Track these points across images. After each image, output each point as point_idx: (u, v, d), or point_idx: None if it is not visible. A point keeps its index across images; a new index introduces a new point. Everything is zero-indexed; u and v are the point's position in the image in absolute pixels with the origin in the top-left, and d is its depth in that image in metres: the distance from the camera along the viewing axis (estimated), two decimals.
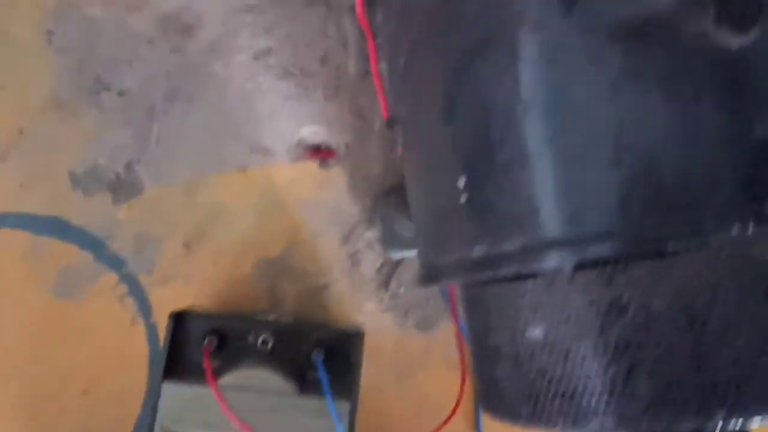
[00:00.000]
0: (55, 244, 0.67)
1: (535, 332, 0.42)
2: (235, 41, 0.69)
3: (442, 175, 0.44)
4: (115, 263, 0.67)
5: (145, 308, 0.67)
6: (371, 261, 0.69)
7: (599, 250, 0.37)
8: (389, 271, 0.69)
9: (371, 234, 0.69)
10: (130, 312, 0.67)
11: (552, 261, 0.39)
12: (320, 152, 0.69)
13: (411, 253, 0.65)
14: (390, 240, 0.65)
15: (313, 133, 0.69)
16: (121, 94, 0.68)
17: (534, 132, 0.39)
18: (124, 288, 0.67)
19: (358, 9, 0.44)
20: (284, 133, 0.69)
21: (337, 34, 0.69)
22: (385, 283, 0.69)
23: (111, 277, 0.67)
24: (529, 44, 0.38)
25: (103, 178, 0.67)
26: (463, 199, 0.43)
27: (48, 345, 0.66)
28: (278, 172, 0.69)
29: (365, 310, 0.69)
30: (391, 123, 0.50)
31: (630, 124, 0.37)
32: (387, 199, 0.67)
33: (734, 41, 0.34)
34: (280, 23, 0.69)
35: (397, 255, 0.66)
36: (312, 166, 0.69)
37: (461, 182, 0.42)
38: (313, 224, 0.69)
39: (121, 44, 0.68)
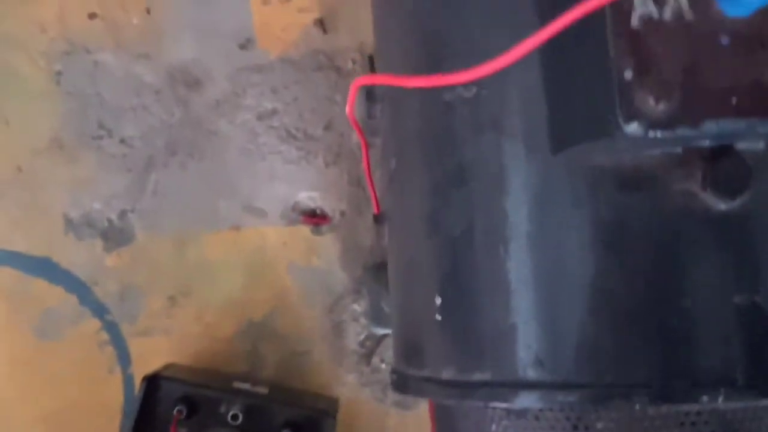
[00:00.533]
0: (41, 285, 0.67)
1: None
2: (242, 100, 0.69)
3: (420, 287, 0.44)
4: (99, 309, 0.67)
5: (124, 358, 0.67)
6: (355, 333, 0.69)
7: (567, 398, 0.37)
8: (372, 345, 0.68)
9: (358, 306, 0.68)
10: (109, 360, 0.67)
11: (520, 401, 0.38)
12: (315, 218, 0.69)
13: None
14: (376, 315, 0.64)
15: (309, 198, 0.69)
16: (122, 141, 0.68)
17: (514, 268, 0.38)
18: (105, 335, 0.67)
19: (348, 110, 0.44)
20: (281, 196, 0.69)
21: (343, 101, 0.69)
22: (368, 357, 0.68)
23: (94, 322, 0.67)
24: (515, 178, 0.38)
25: (96, 223, 0.67)
26: (438, 317, 0.42)
27: (24, 384, 0.66)
28: (271, 234, 0.68)
29: (345, 381, 0.68)
30: (379, 218, 0.50)
31: (611, 274, 0.36)
32: (376, 274, 0.66)
33: (722, 205, 0.33)
34: (288, 85, 0.69)
35: (381, 331, 0.65)
36: (305, 231, 0.69)
37: (437, 301, 0.42)
38: (301, 290, 0.68)
39: (127, 92, 0.68)
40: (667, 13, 0.26)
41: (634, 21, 0.26)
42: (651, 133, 0.26)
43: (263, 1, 0.71)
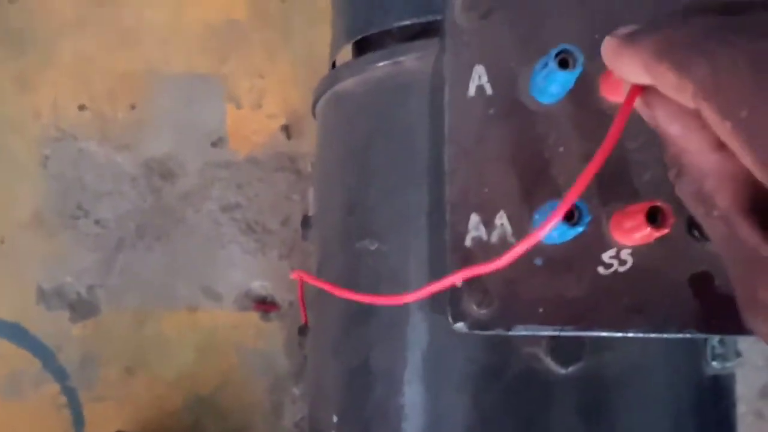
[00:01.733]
0: (10, 347, 0.73)
1: None
2: (209, 192, 0.76)
3: (324, 403, 0.51)
4: (60, 375, 0.73)
5: (78, 422, 0.73)
6: (292, 414, 0.75)
7: None
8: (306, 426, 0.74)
9: (297, 389, 0.75)
10: (64, 423, 0.73)
11: None
12: (265, 305, 0.76)
13: None
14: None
15: (261, 286, 0.76)
16: (97, 222, 0.75)
17: (407, 401, 0.45)
18: (63, 399, 0.73)
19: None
20: (235, 283, 0.76)
21: (300, 201, 0.77)
22: None
23: (54, 386, 0.73)
24: (407, 328, 0.44)
25: (66, 295, 0.74)
26: None
27: None
28: (223, 316, 0.75)
29: None
30: (302, 330, 0.56)
31: (476, 419, 0.43)
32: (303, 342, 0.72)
33: (560, 370, 0.40)
34: (252, 182, 0.77)
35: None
36: (255, 316, 0.75)
37: (335, 418, 0.49)
38: (246, 370, 0.75)
39: (106, 178, 0.76)
40: (495, 237, 0.33)
41: (468, 241, 0.33)
42: (474, 332, 0.33)
43: (237, 105, 0.78)
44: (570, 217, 0.31)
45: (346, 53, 0.53)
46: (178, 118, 0.78)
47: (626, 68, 0.26)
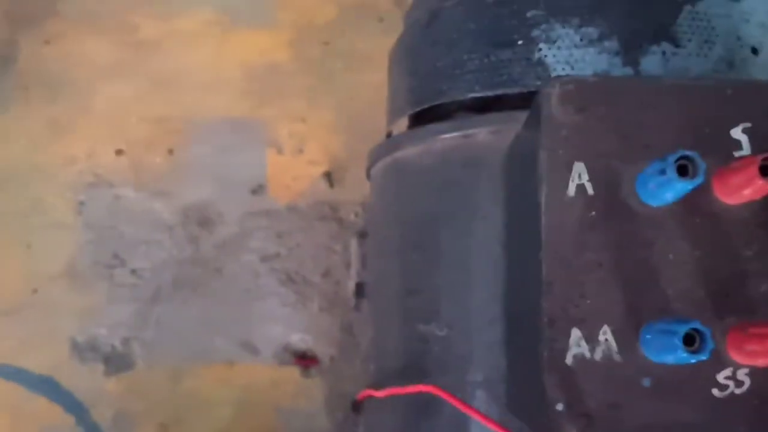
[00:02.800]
0: (42, 402, 0.71)
1: None
2: (247, 242, 0.74)
3: None
4: (94, 431, 0.71)
5: None
6: None
7: None
8: None
9: None
10: None
11: None
12: (305, 360, 0.73)
13: None
14: None
15: (301, 340, 0.73)
16: (133, 272, 0.73)
17: None
18: None
19: None
20: (274, 336, 0.73)
21: (342, 252, 0.74)
22: None
23: None
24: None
25: (100, 348, 0.72)
26: None
27: None
28: (262, 372, 0.72)
29: None
30: (356, 407, 0.53)
31: None
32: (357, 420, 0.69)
33: None
34: (292, 232, 0.74)
35: None
36: (294, 372, 0.72)
37: None
38: (285, 429, 0.72)
39: (143, 226, 0.73)
40: (598, 354, 0.30)
41: (569, 359, 0.30)
42: None
43: (278, 150, 0.76)
44: (690, 343, 0.28)
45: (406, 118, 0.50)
46: (216, 164, 0.75)
47: None
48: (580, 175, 0.31)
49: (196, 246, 0.74)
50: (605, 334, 0.30)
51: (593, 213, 0.31)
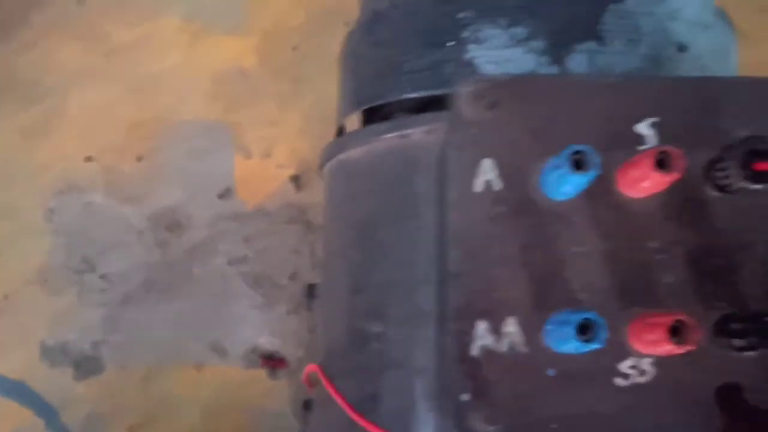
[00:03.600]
0: (12, 406, 0.72)
1: None
2: (216, 245, 0.75)
3: None
4: None
5: None
6: None
7: None
8: None
9: None
10: None
11: None
12: (273, 361, 0.73)
13: None
14: None
15: (269, 342, 0.74)
16: (103, 277, 0.74)
17: None
18: None
19: None
20: (243, 338, 0.73)
21: (310, 254, 0.75)
22: None
23: None
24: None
25: (70, 352, 0.72)
26: None
27: None
28: (231, 373, 0.73)
29: None
30: (307, 405, 0.54)
31: None
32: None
33: None
34: (260, 235, 0.75)
35: None
36: (262, 373, 0.73)
37: None
38: (254, 430, 0.72)
39: (112, 231, 0.74)
40: (504, 346, 0.31)
41: (474, 350, 0.31)
42: None
43: (246, 155, 0.77)
44: (584, 332, 0.28)
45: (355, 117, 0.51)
46: (185, 169, 0.76)
47: None
48: (488, 172, 0.32)
49: (165, 250, 0.75)
50: (511, 326, 0.31)
51: (501, 208, 0.32)
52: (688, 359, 0.30)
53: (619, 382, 0.31)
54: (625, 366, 0.31)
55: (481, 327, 0.31)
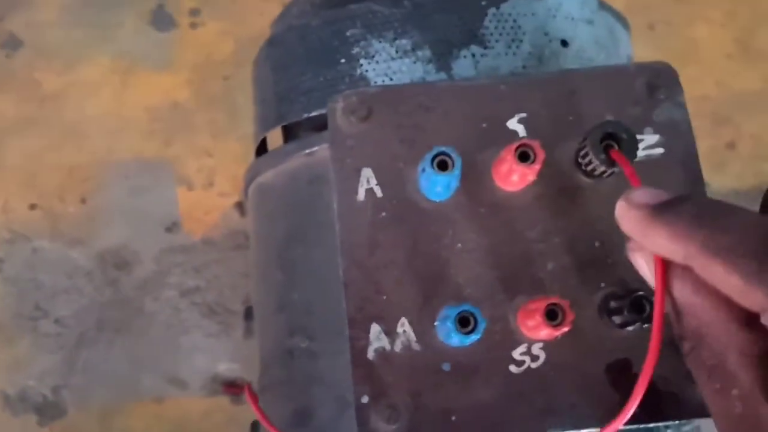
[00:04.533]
0: None
1: None
2: (166, 278, 0.75)
3: None
4: None
5: None
6: None
7: None
8: None
9: None
10: None
11: None
12: (234, 388, 0.74)
13: None
14: None
15: (229, 369, 0.74)
16: (56, 321, 0.74)
17: None
18: None
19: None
20: (201, 368, 0.74)
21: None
22: None
23: None
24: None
25: (30, 399, 0.73)
26: None
27: None
28: (192, 404, 0.74)
29: None
30: (254, 427, 0.55)
31: None
32: None
33: None
34: (209, 264, 0.76)
35: None
36: (225, 400, 0.74)
37: None
38: None
39: (62, 275, 0.75)
40: (398, 346, 0.32)
41: (370, 354, 0.32)
42: None
43: (188, 187, 0.78)
44: (465, 324, 0.29)
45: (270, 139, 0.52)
46: (129, 207, 0.77)
47: (658, 244, 0.26)
48: (368, 180, 0.33)
49: (115, 288, 0.75)
50: (403, 326, 0.32)
51: (383, 214, 0.33)
52: (575, 340, 0.32)
53: (514, 369, 0.32)
54: (517, 353, 0.32)
55: (375, 330, 0.32)
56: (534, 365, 0.32)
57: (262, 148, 0.51)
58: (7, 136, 0.78)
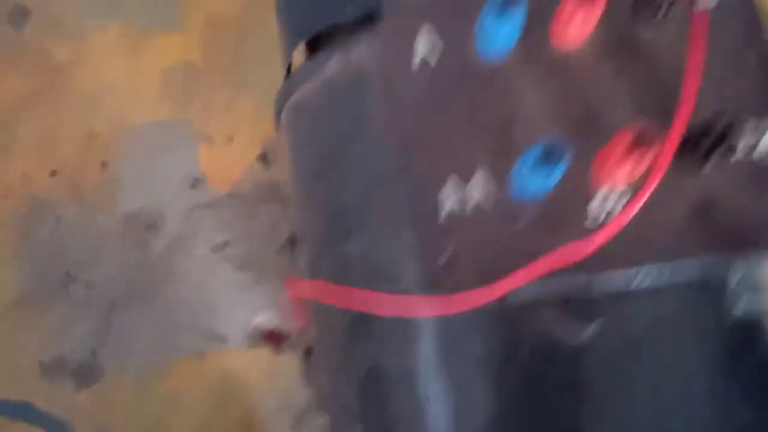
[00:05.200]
0: (22, 427, 0.71)
1: None
2: (195, 236, 0.75)
3: (344, 420, 0.48)
4: None
5: None
6: None
7: None
8: None
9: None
10: None
11: None
12: (274, 337, 0.73)
13: None
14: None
15: (267, 319, 0.74)
16: (87, 286, 0.74)
17: (427, 396, 0.42)
18: None
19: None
20: (239, 321, 0.73)
21: (290, 226, 0.75)
22: None
23: None
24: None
25: (67, 365, 0.72)
26: None
27: None
28: (232, 358, 0.73)
29: None
30: (308, 351, 0.54)
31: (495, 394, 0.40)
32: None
33: (574, 338, 0.38)
34: (237, 218, 0.75)
35: None
36: (265, 351, 0.73)
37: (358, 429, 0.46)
38: (266, 410, 0.72)
39: (88, 240, 0.74)
40: (470, 205, 0.31)
41: (442, 216, 0.31)
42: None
43: (209, 143, 0.77)
44: (547, 158, 0.29)
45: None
46: (151, 168, 0.76)
47: None
48: (424, 41, 0.32)
49: (144, 250, 0.75)
50: (475, 186, 0.31)
51: (442, 75, 0.32)
52: (658, 186, 0.31)
53: (589, 223, 0.31)
54: (594, 205, 0.31)
55: (447, 190, 0.31)
56: (616, 207, 0.31)
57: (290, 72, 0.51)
58: (22, 108, 0.78)
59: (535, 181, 0.29)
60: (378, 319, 0.43)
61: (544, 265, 0.31)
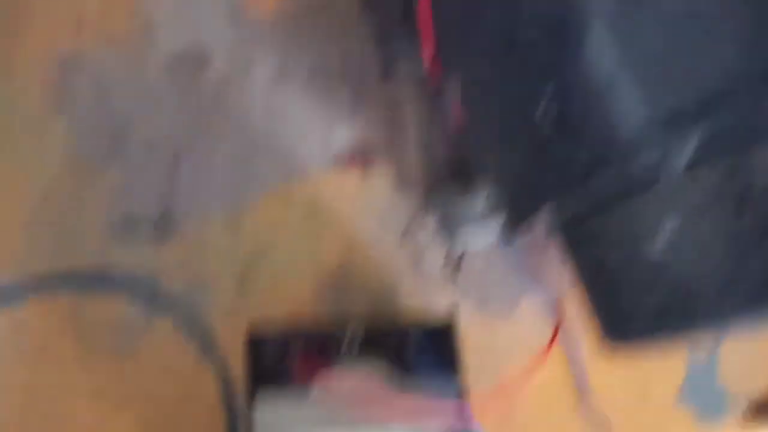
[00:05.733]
0: (101, 298, 0.63)
1: (658, 245, 0.39)
2: (248, 65, 0.68)
3: (519, 111, 0.42)
4: (169, 306, 0.63)
5: (207, 345, 0.63)
6: (433, 257, 0.66)
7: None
8: (455, 263, 0.66)
9: (426, 231, 0.66)
10: (192, 353, 0.63)
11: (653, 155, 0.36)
12: (358, 159, 0.67)
13: (477, 236, 0.62)
14: (453, 226, 0.62)
15: (347, 136, 0.67)
16: (143, 139, 0.66)
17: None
18: (180, 329, 0.63)
19: None
20: (318, 142, 0.67)
21: (356, 39, 0.69)
22: (453, 277, 0.66)
23: (166, 320, 0.63)
24: None
25: (141, 222, 0.64)
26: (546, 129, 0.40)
27: (111, 408, 0.62)
28: (319, 183, 0.66)
29: (437, 307, 0.65)
30: (445, 75, 0.48)
31: None
32: (442, 187, 0.64)
33: None
34: (290, 36, 0.69)
35: (462, 241, 0.63)
36: (352, 174, 0.67)
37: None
38: (366, 231, 0.66)
39: (135, 93, 0.67)
40: None
41: None
42: None
43: None
44: None
45: None
46: (183, 7, 0.69)
47: None
48: None
49: (197, 92, 0.68)
50: None
51: None
52: None
53: None
54: None
55: None
56: None
57: None
58: None
59: None
60: None
61: None
